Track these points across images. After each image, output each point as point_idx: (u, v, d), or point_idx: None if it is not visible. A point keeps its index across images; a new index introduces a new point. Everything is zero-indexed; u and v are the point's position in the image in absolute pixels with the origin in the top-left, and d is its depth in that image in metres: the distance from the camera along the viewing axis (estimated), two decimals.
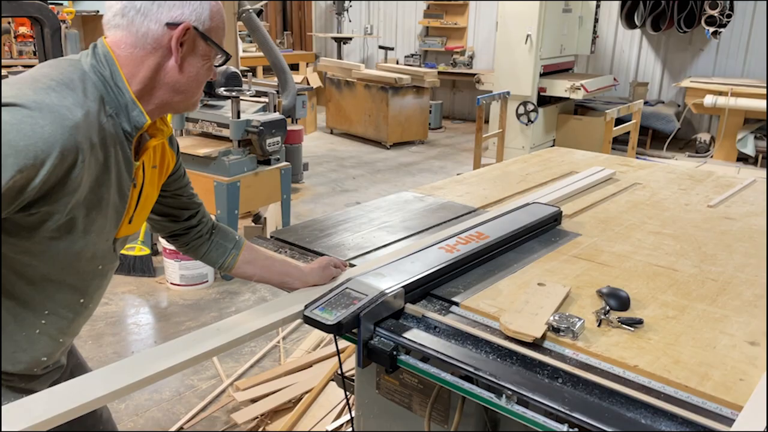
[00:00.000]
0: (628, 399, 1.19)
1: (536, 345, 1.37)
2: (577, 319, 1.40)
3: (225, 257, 1.54)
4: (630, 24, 8.06)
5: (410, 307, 1.53)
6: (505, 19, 6.89)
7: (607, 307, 1.49)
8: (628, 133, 6.05)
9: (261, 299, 3.76)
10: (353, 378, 2.56)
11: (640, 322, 1.43)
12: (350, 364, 2.81)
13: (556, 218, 2.08)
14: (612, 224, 2.14)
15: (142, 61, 1.18)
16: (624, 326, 1.43)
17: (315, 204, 5.66)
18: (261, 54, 5.20)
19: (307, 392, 2.61)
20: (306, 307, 1.45)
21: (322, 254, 1.83)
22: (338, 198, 5.83)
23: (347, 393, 2.51)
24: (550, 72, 7.25)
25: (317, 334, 3.17)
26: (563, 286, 1.60)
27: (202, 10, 1.20)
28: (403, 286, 1.51)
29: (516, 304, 1.49)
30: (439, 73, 8.66)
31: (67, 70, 1.14)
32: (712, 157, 7.54)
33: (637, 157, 6.57)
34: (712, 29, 7.29)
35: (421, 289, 1.58)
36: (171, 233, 1.52)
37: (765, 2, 7.64)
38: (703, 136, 7.85)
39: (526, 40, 6.72)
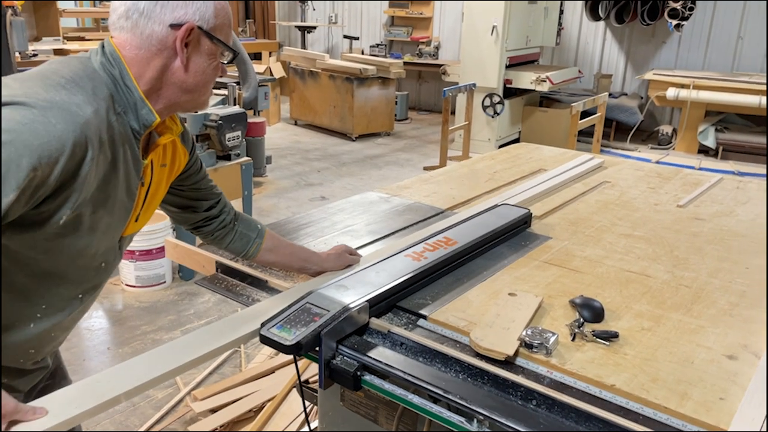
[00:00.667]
0: (606, 423, 1.13)
1: (509, 362, 1.30)
2: (550, 334, 1.33)
3: (249, 246, 1.56)
4: (594, 16, 8.07)
5: (375, 322, 1.43)
6: (471, 10, 6.82)
7: (581, 320, 1.42)
8: (593, 125, 6.06)
9: (221, 300, 3.63)
10: (315, 388, 2.46)
11: (615, 335, 1.37)
12: (313, 370, 2.71)
13: (525, 221, 2.01)
14: (582, 226, 2.09)
15: (148, 62, 1.18)
16: (599, 340, 1.36)
17: (278, 199, 5.52)
18: None
19: (269, 400, 2.50)
20: (262, 325, 1.35)
21: None
22: (302, 192, 5.70)
23: (308, 404, 2.41)
24: (515, 64, 7.21)
25: None
26: (535, 296, 1.53)
27: (205, 9, 1.19)
28: (367, 300, 1.42)
29: (487, 317, 1.42)
30: (405, 63, 8.55)
31: (77, 67, 1.13)
32: (674, 149, 7.62)
33: (601, 150, 6.60)
34: (675, 22, 7.34)
35: (386, 302, 1.49)
36: (194, 225, 1.52)
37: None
38: (665, 128, 7.93)
39: (492, 31, 6.66)
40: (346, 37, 10.05)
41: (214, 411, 2.48)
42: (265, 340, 1.32)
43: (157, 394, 2.68)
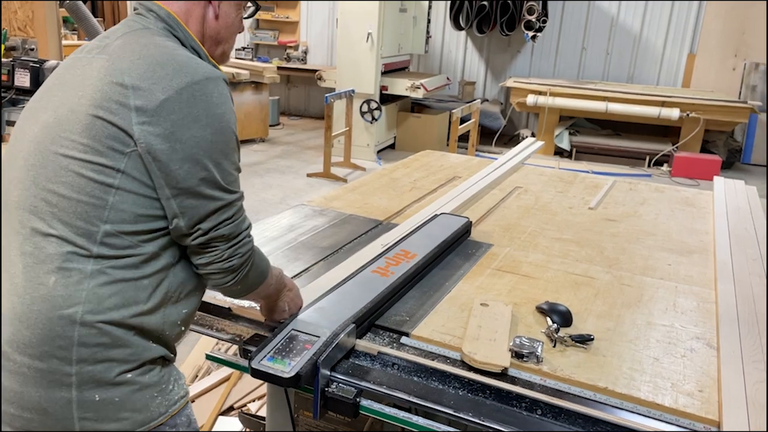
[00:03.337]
0: (614, 426, 1.18)
1: (503, 374, 1.31)
2: (537, 343, 1.37)
3: None
4: (457, 26, 8.46)
5: (361, 344, 1.39)
6: (345, 17, 6.85)
7: (555, 325, 1.48)
8: (468, 131, 6.34)
9: None
10: (259, 414, 2.34)
11: (591, 338, 1.44)
12: (239, 394, 2.57)
13: (467, 229, 2.05)
14: (515, 232, 2.17)
15: (190, 14, 1.19)
16: (578, 344, 1.43)
17: None
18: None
19: None
20: (250, 358, 1.25)
21: None
22: None
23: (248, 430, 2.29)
24: (389, 71, 7.36)
25: (190, 362, 2.85)
26: (505, 305, 1.56)
27: None
28: (353, 322, 1.37)
29: (470, 330, 1.42)
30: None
31: (159, 38, 1.14)
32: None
33: (476, 154, 6.94)
34: (531, 33, 7.91)
35: (367, 322, 1.45)
36: None
37: (577, 4, 8.47)
38: (525, 132, 8.51)
39: (368, 38, 6.74)
40: None
41: None
42: (259, 374, 1.23)
43: None
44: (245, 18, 1.30)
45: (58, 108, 1.09)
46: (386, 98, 7.28)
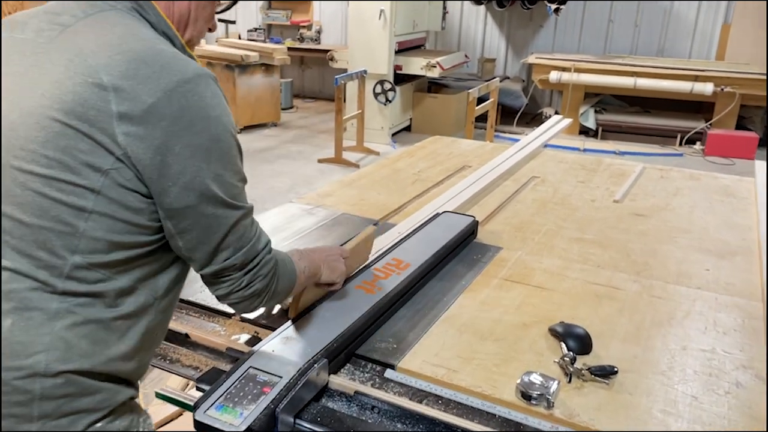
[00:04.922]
0: None
1: (508, 420, 1.08)
2: (551, 381, 1.13)
3: None
4: (476, 0, 8.10)
5: (336, 381, 1.16)
6: None
7: (571, 353, 1.23)
8: (486, 111, 6.03)
9: None
10: None
11: (614, 371, 1.19)
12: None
13: (473, 230, 1.81)
14: (529, 231, 1.92)
15: None
16: (598, 379, 1.18)
17: None
18: None
19: None
20: (195, 406, 1.04)
21: (205, 307, 1.40)
22: None
23: None
24: (404, 49, 7.05)
25: None
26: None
27: None
28: (326, 356, 1.15)
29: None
30: (287, 48, 8.14)
31: (134, 22, 0.95)
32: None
33: (495, 135, 6.63)
34: (554, 6, 7.52)
35: (345, 352, 1.22)
36: None
37: None
38: (548, 111, 8.14)
39: (380, 15, 6.44)
40: (220, 21, 9.40)
41: None
42: (204, 428, 1.01)
43: None
44: (218, 12, 1.11)
45: (11, 110, 0.86)
46: (401, 78, 6.98)
